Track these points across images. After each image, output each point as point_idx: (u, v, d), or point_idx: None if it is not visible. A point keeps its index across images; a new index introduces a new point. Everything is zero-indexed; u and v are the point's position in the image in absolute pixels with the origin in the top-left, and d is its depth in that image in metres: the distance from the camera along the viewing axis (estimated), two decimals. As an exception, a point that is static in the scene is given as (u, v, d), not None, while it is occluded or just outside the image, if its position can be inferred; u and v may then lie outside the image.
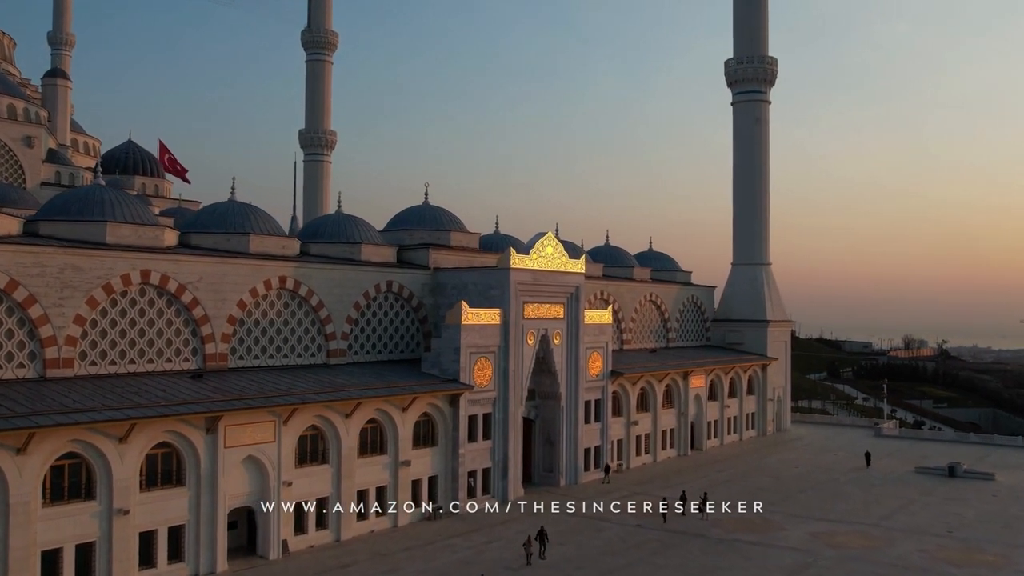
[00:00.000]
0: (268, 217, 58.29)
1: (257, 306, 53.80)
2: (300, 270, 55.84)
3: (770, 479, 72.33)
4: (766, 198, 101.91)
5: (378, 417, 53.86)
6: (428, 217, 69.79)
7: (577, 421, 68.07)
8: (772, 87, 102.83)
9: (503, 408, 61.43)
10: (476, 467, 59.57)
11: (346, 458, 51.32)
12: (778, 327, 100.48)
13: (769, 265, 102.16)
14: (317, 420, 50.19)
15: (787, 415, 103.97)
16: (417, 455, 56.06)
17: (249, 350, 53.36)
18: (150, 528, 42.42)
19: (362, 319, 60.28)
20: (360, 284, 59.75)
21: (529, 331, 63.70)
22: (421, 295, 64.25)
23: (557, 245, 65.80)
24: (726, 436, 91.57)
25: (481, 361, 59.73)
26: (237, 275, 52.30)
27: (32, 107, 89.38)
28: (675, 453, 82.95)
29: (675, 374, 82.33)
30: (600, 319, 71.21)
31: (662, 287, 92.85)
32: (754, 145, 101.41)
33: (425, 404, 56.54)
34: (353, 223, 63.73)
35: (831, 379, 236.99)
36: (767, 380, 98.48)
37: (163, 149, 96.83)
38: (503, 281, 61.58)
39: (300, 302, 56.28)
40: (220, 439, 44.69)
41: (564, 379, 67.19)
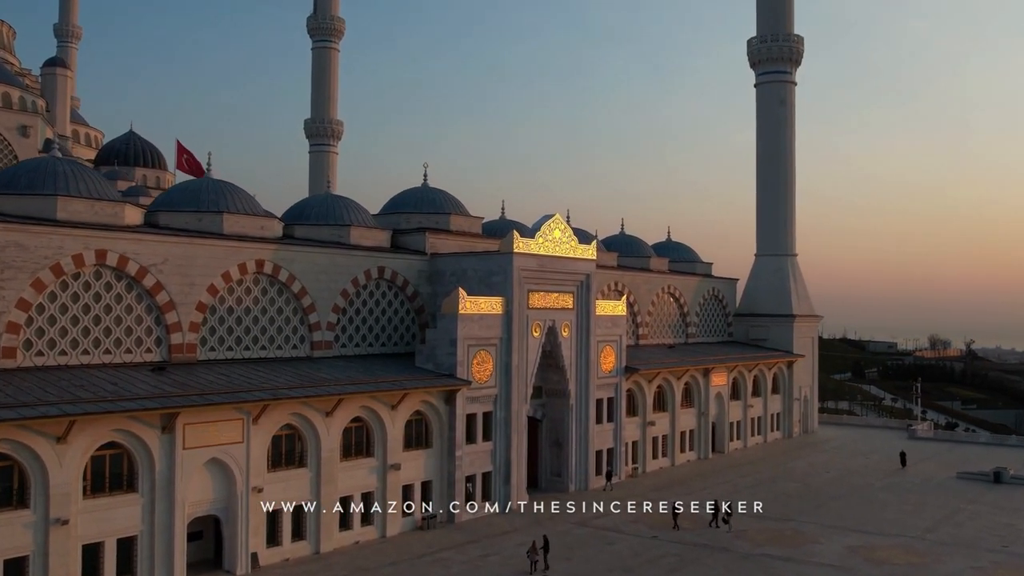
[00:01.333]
0: (246, 196, 53.08)
1: (231, 292, 48.61)
2: (280, 253, 50.61)
3: (799, 485, 66.41)
4: (792, 184, 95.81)
5: (364, 416, 48.49)
6: (426, 199, 64.41)
7: (588, 421, 62.44)
8: (798, 67, 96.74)
9: (505, 406, 55.92)
10: (475, 471, 54.08)
11: (327, 461, 45.99)
12: (805, 322, 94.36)
13: (795, 256, 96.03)
14: (293, 419, 44.88)
15: (814, 416, 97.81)
16: (409, 458, 50.65)
17: (222, 341, 48.15)
18: (95, 540, 37.21)
19: (350, 308, 54.97)
20: (348, 270, 54.45)
21: (535, 322, 58.15)
22: (417, 283, 58.87)
23: (566, 229, 60.22)
24: (749, 438, 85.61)
25: (481, 354, 54.24)
26: (208, 257, 47.12)
27: (29, 96, 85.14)
28: (695, 456, 77.13)
29: (695, 371, 76.53)
30: (613, 310, 65.56)
31: (681, 279, 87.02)
32: (779, 128, 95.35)
33: (418, 402, 51.13)
34: (342, 204, 58.47)
35: (856, 380, 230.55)
36: (793, 378, 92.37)
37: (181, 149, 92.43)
38: (506, 267, 56.09)
39: (280, 289, 51.05)
40: (178, 439, 39.44)
41: (573, 375, 61.58)
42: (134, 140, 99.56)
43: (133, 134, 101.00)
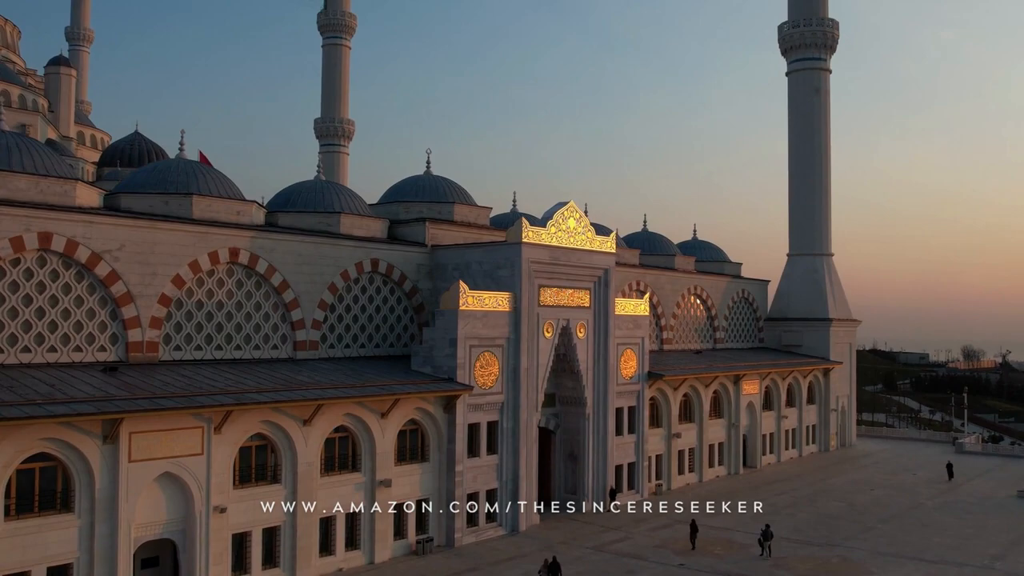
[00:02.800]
0: (221, 178, 47.52)
1: (200, 284, 42.99)
2: (258, 241, 44.95)
3: (842, 504, 59.70)
4: (827, 177, 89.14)
5: (349, 425, 42.60)
6: (427, 188, 58.57)
7: (607, 432, 56.18)
8: (833, 53, 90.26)
9: (513, 415, 49.84)
10: (478, 488, 47.99)
11: (304, 476, 40.10)
12: (842, 326, 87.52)
13: (831, 256, 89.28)
14: (265, 428, 39.06)
15: (852, 428, 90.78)
16: (401, 473, 44.68)
17: (189, 339, 42.48)
18: (19, 569, 31.46)
19: (339, 305, 49.20)
20: (337, 261, 48.71)
21: (546, 321, 52.07)
22: (416, 278, 53.02)
23: (582, 218, 54.18)
24: (783, 451, 78.89)
25: (485, 356, 48.24)
26: (173, 244, 41.51)
27: (29, 94, 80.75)
28: (724, 471, 70.56)
29: (724, 378, 70.04)
30: (635, 309, 59.35)
31: (708, 279, 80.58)
32: (813, 118, 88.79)
33: (412, 409, 45.18)
34: (332, 190, 52.79)
35: (888, 391, 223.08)
36: (830, 387, 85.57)
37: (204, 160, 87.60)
38: (513, 259, 50.11)
39: (258, 281, 45.37)
40: (123, 450, 33.70)
41: (590, 381, 55.37)
42: (139, 141, 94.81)
43: (139, 135, 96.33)
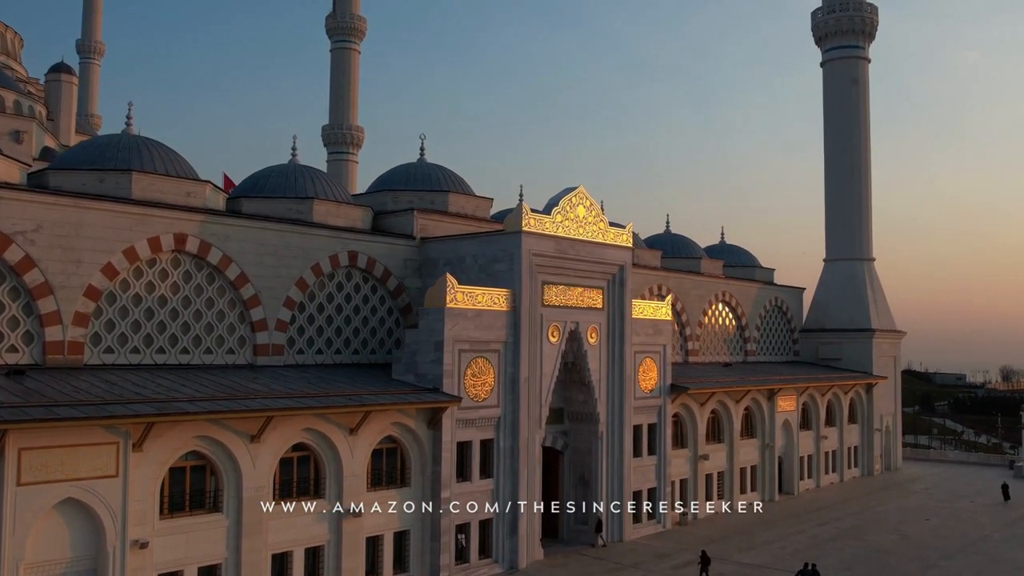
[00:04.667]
0: (172, 154, 41.12)
1: (138, 275, 36.51)
2: (210, 227, 38.45)
3: (895, 537, 51.90)
4: (867, 175, 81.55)
5: (310, 443, 35.74)
6: (418, 175, 51.93)
7: (623, 453, 48.89)
8: (872, 41, 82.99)
9: (511, 432, 42.76)
10: (469, 519, 40.84)
11: (252, 503, 33.22)
12: (885, 338, 79.60)
13: (872, 260, 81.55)
14: (201, 444, 32.32)
15: (898, 450, 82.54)
16: (376, 500, 37.68)
17: (124, 340, 35.96)
18: None
19: (310, 304, 42.56)
20: (307, 253, 42.12)
21: (552, 323, 45.09)
22: (402, 274, 46.31)
23: (592, 206, 47.27)
24: (823, 475, 70.99)
25: (477, 363, 41.28)
26: (103, 227, 35.11)
27: (26, 100, 75.56)
28: (758, 498, 62.81)
29: (757, 392, 62.49)
30: (655, 313, 52.20)
31: (737, 285, 73.19)
32: (851, 111, 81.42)
33: (389, 424, 38.26)
34: (305, 174, 46.28)
35: (925, 413, 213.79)
36: (873, 405, 77.64)
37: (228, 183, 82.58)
38: (512, 250, 43.26)
39: (211, 274, 38.83)
40: (9, 470, 27.01)
41: (603, 394, 48.20)
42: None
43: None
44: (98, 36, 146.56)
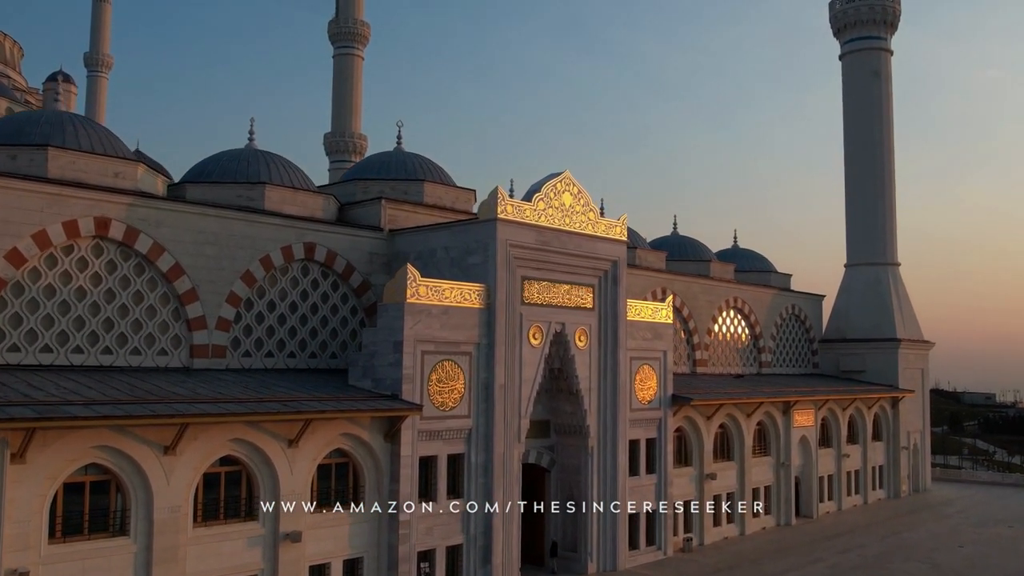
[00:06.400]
0: (101, 131, 36.79)
1: (52, 264, 32.04)
2: (139, 211, 33.95)
3: (925, 566, 46.26)
4: (890, 173, 76.08)
5: (241, 456, 30.92)
6: (392, 164, 47.31)
7: (617, 471, 43.64)
8: (894, 32, 77.81)
9: (484, 446, 37.72)
10: (433, 544, 35.78)
11: (166, 526, 28.39)
12: (912, 348, 73.83)
13: (897, 265, 75.93)
14: (103, 456, 27.57)
15: (927, 471, 76.49)
16: (321, 523, 32.78)
17: (33, 337, 31.44)
18: None
19: (259, 301, 37.89)
20: (256, 244, 37.51)
21: (533, 324, 40.10)
22: (367, 269, 41.57)
23: (580, 193, 42.38)
24: (844, 497, 65.24)
25: (445, 367, 36.36)
26: (9, 208, 30.70)
27: (18, 107, 72.50)
28: (773, 522, 57.24)
29: (771, 406, 57.07)
30: (654, 315, 47.11)
31: (751, 290, 67.86)
32: (872, 105, 76.11)
33: (337, 436, 33.37)
34: (261, 158, 41.76)
35: (954, 433, 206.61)
36: (899, 421, 71.85)
37: None
38: (486, 240, 38.42)
39: (140, 264, 34.30)
40: None
41: (594, 404, 43.06)
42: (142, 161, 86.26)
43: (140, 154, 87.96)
44: (106, 49, 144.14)
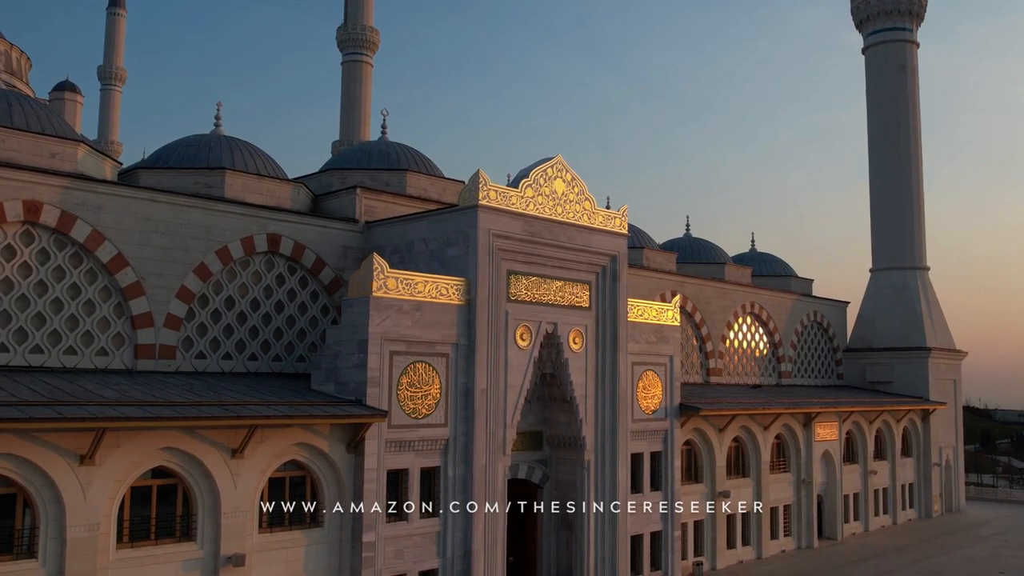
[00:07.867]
0: (39, 109, 33.51)
1: (-28, 253, 28.65)
2: (76, 195, 30.54)
3: (962, 596, 41.71)
4: (918, 172, 71.65)
5: (177, 468, 27.20)
6: (373, 153, 43.80)
7: (616, 488, 39.49)
8: (921, 23, 73.63)
9: (463, 459, 33.79)
10: (405, 568, 31.81)
11: (81, 547, 24.67)
12: (943, 358, 69.14)
13: (926, 270, 71.35)
14: (8, 467, 23.95)
15: (960, 489, 71.62)
16: (272, 545, 28.98)
17: (-52, 334, 28.02)
18: None
19: (215, 297, 34.31)
20: (211, 233, 33.97)
21: (521, 324, 36.21)
22: (340, 264, 37.92)
23: (574, 181, 38.55)
24: (872, 517, 60.60)
25: (417, 370, 32.55)
26: (-80, 189, 27.39)
27: None
28: (793, 544, 52.77)
29: (790, 417, 52.73)
30: (659, 316, 43.06)
31: (769, 295, 63.57)
32: (898, 101, 71.83)
33: (291, 446, 29.60)
34: (225, 144, 38.35)
35: (986, 451, 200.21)
36: (930, 435, 67.12)
37: None
38: (467, 229, 34.65)
39: (77, 254, 30.86)
40: None
41: (590, 414, 39.01)
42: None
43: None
44: (119, 62, 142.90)
